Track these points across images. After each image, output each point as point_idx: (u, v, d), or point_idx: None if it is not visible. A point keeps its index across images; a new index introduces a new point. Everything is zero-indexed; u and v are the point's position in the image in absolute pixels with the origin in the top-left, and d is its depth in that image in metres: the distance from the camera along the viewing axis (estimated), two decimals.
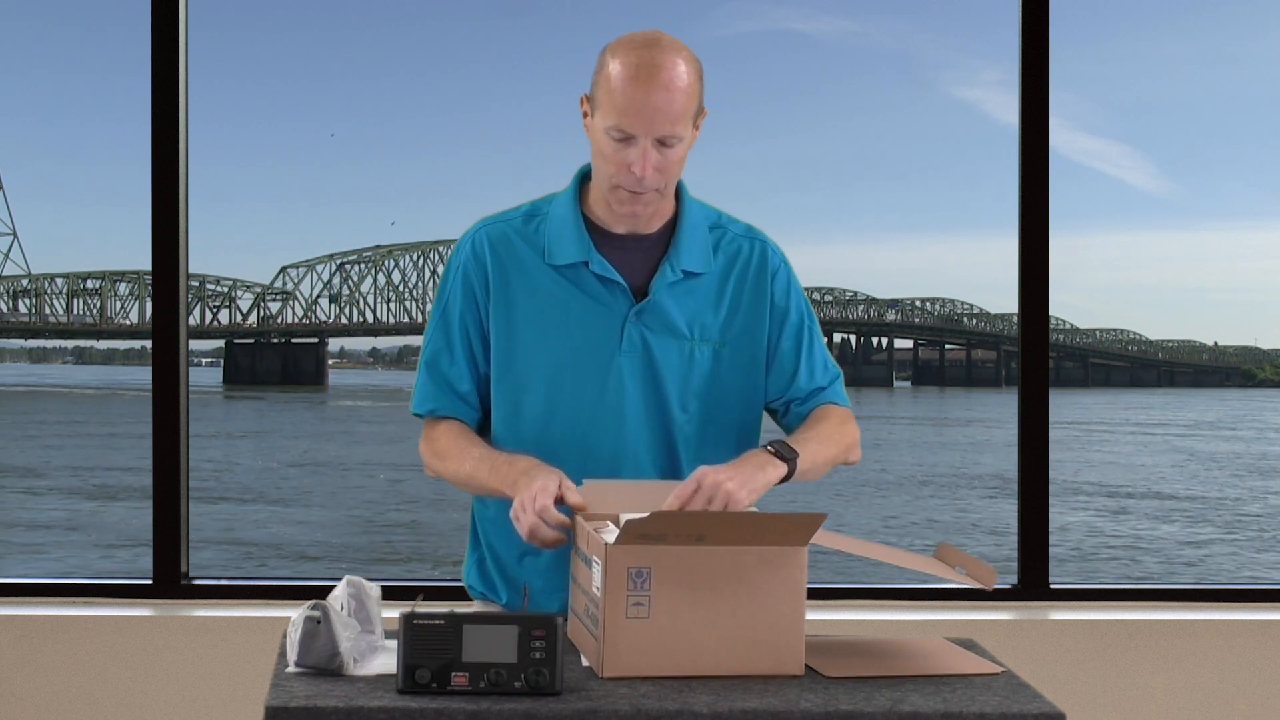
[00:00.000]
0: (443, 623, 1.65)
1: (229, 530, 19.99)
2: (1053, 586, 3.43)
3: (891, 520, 21.89)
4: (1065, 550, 18.98)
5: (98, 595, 3.40)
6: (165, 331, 3.40)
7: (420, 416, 2.18)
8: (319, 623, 1.73)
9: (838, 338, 77.70)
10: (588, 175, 2.14)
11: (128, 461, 28.70)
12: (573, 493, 1.92)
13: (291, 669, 1.74)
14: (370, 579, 1.92)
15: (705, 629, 1.75)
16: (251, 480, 26.36)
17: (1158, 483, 27.68)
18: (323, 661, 1.73)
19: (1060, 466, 28.86)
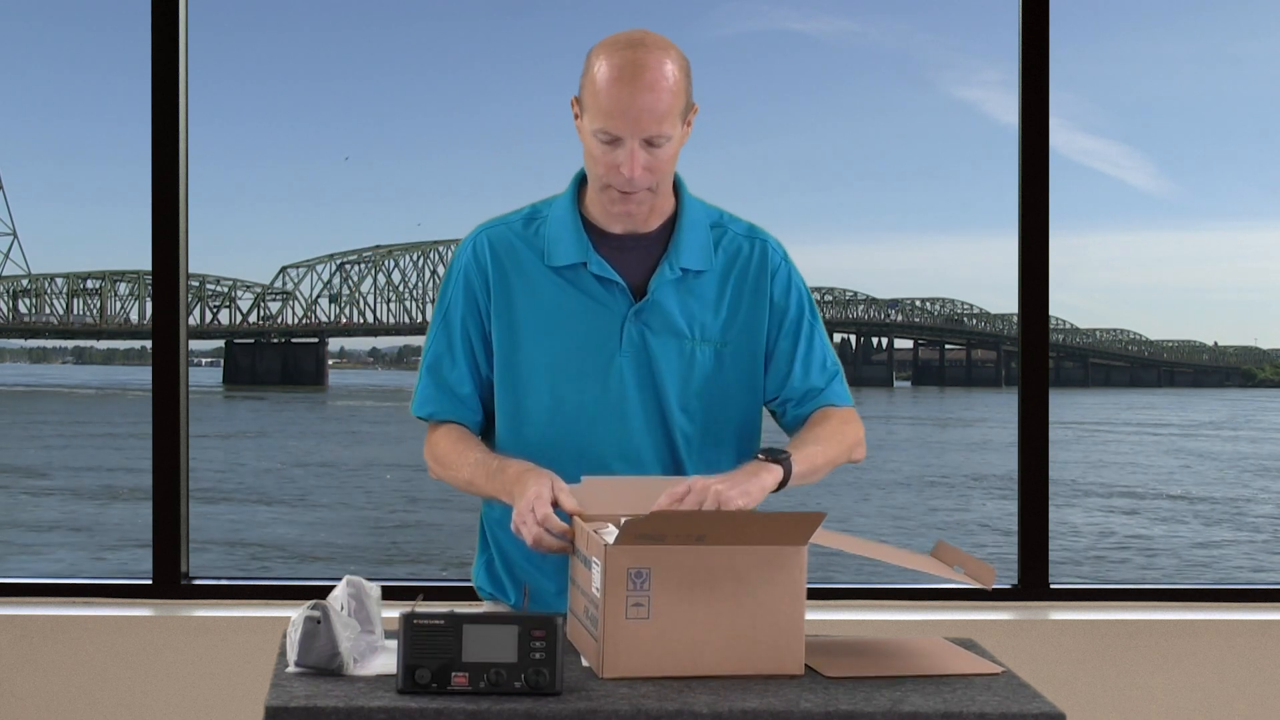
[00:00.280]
0: (443, 623, 1.65)
1: (235, 532, 19.97)
2: (1052, 586, 3.43)
3: (893, 520, 21.84)
4: (1077, 552, 18.91)
5: (98, 595, 3.40)
6: (165, 331, 3.40)
7: (422, 419, 2.18)
8: (319, 623, 1.73)
9: (838, 338, 77.70)
10: (586, 177, 2.14)
11: (129, 462, 28.67)
12: (566, 496, 1.92)
13: (291, 669, 1.75)
14: (377, 580, 1.92)
15: (705, 629, 1.75)
16: (257, 481, 26.30)
17: (1167, 483, 27.59)
18: (323, 661, 1.73)
19: (1070, 468, 28.82)
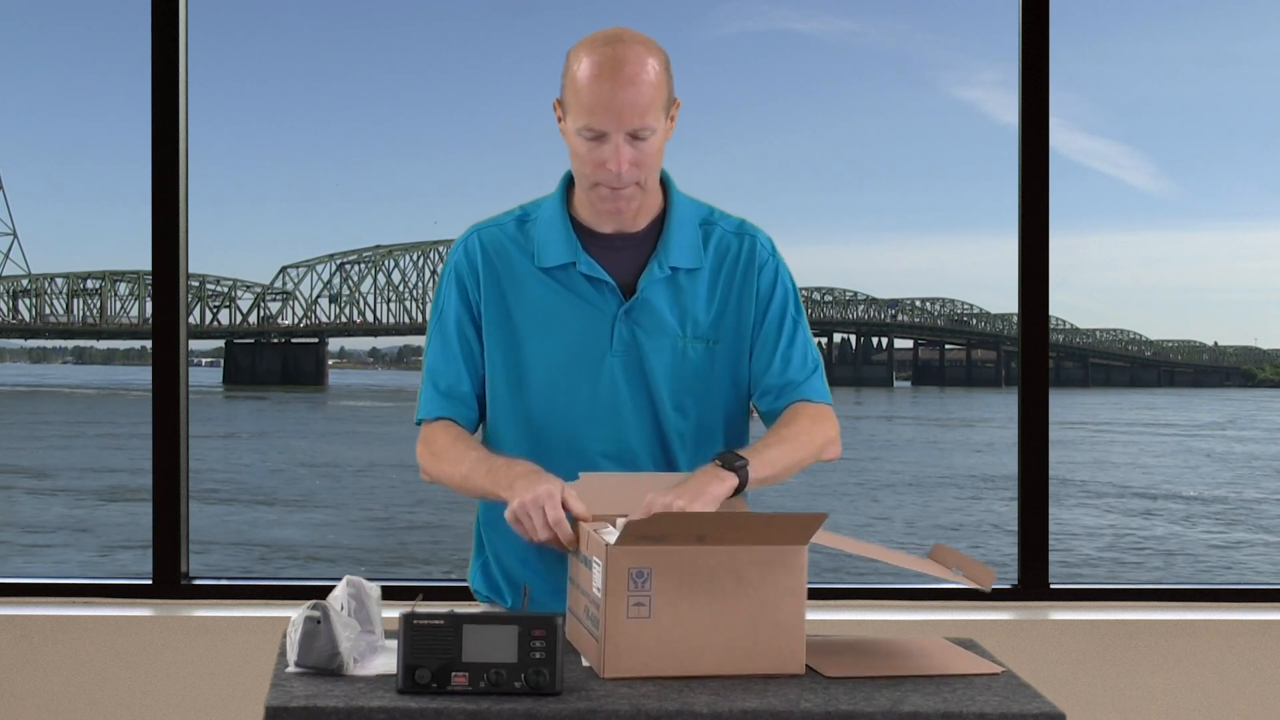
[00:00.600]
0: (443, 623, 1.65)
1: (242, 532, 19.95)
2: (1053, 587, 3.43)
3: (904, 523, 21.77)
4: (1092, 555, 18.87)
5: (98, 595, 3.40)
6: (165, 331, 3.40)
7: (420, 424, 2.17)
8: (319, 623, 1.73)
9: (838, 338, 77.68)
10: (573, 178, 2.13)
11: (129, 462, 28.64)
12: (576, 500, 1.91)
13: (291, 669, 1.74)
14: (381, 580, 1.92)
15: (706, 629, 1.75)
16: (262, 482, 26.24)
17: (1178, 484, 27.52)
18: (323, 661, 1.73)
19: (1080, 469, 28.78)
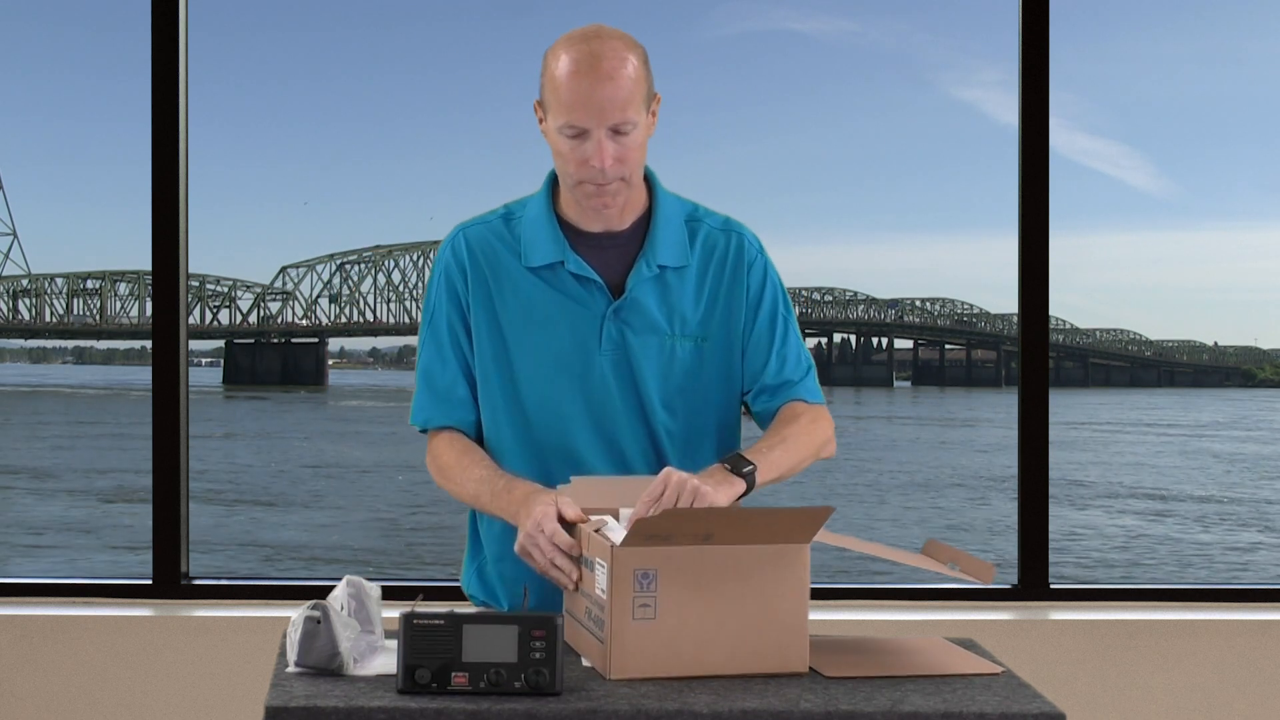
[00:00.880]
0: (443, 623, 1.65)
1: (247, 533, 19.92)
2: (1053, 586, 3.43)
3: (916, 524, 21.73)
4: (1104, 554, 18.86)
5: (98, 595, 3.40)
6: (165, 331, 3.40)
7: (421, 430, 2.17)
8: (319, 623, 1.73)
9: (838, 338, 77.66)
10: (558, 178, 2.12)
11: (130, 462, 28.62)
12: (569, 506, 1.90)
13: (291, 669, 1.74)
14: (383, 581, 1.92)
15: (711, 629, 1.75)
16: (267, 482, 26.18)
17: (1186, 484, 27.45)
18: (323, 661, 1.73)
19: (1087, 469, 28.74)
